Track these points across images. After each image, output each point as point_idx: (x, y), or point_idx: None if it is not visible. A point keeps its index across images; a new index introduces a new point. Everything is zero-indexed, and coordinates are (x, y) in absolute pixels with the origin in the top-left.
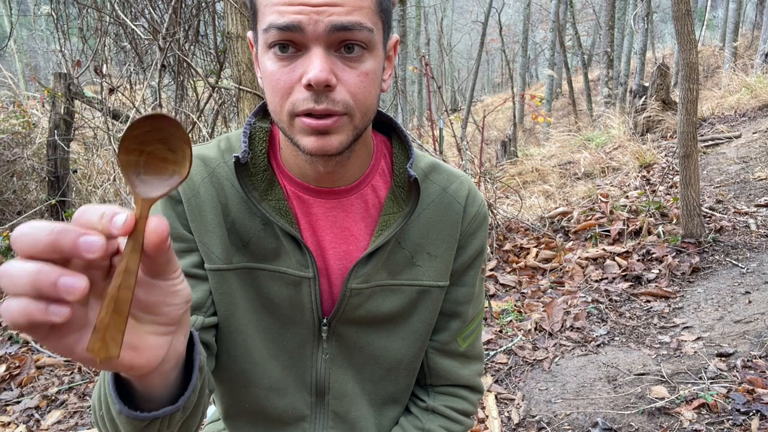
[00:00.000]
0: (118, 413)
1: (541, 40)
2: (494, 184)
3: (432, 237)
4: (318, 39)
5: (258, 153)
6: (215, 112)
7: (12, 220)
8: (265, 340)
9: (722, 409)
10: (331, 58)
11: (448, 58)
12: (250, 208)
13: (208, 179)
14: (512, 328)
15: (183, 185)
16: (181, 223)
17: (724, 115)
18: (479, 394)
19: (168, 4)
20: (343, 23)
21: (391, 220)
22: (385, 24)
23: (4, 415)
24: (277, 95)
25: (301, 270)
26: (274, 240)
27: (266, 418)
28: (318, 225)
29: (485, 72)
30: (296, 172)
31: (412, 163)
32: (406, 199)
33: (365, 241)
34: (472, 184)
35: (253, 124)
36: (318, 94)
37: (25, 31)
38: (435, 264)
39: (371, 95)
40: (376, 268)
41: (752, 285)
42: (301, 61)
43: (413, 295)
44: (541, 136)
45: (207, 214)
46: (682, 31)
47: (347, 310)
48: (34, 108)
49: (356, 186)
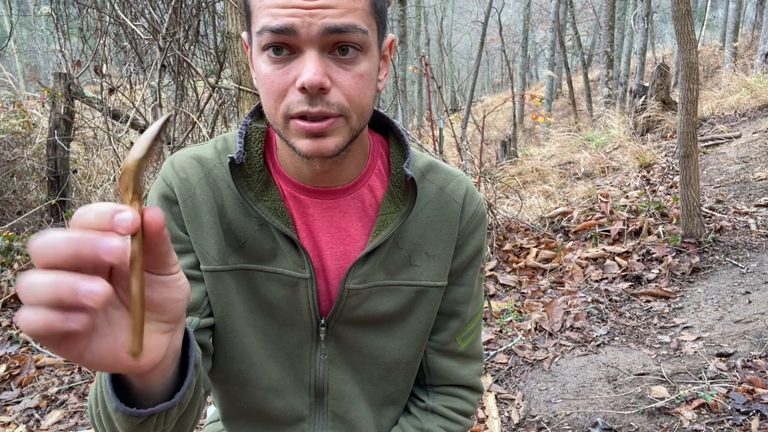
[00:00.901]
0: (115, 410)
1: (541, 40)
2: (494, 184)
3: (430, 237)
4: (312, 41)
5: (254, 153)
6: (215, 112)
7: (12, 220)
8: (263, 341)
9: (722, 409)
10: (325, 60)
11: (448, 58)
12: (246, 209)
13: (204, 180)
14: (512, 328)
15: (179, 186)
16: (177, 224)
17: (724, 115)
18: (479, 394)
19: (168, 4)
20: (337, 25)
21: (389, 220)
22: (379, 24)
23: (4, 415)
24: (272, 98)
25: (297, 271)
26: (270, 241)
27: (265, 419)
28: (314, 225)
29: (485, 72)
30: (293, 172)
31: (409, 162)
32: (404, 198)
33: (362, 241)
34: (470, 184)
35: (249, 125)
36: (312, 96)
37: (25, 31)
38: (433, 264)
39: (366, 96)
40: (373, 268)
41: (752, 285)
42: (295, 63)
43: (411, 295)
44: (541, 136)
45: (203, 215)
46: (682, 31)
47: (345, 310)
48: (34, 108)
49: (353, 186)
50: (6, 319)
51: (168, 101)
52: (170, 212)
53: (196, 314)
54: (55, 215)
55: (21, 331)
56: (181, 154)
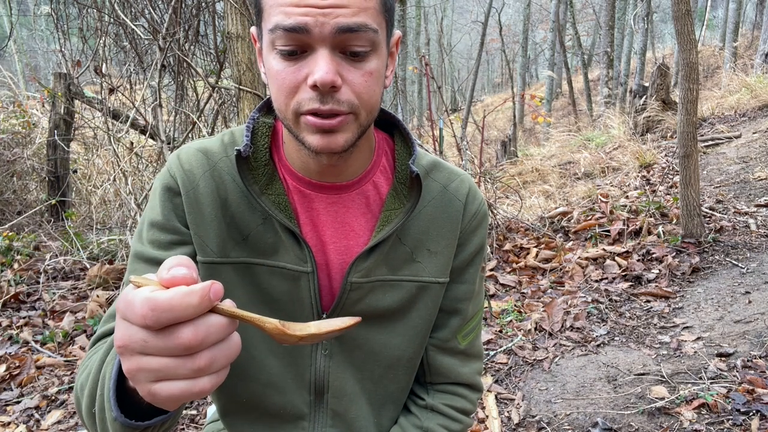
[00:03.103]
0: (114, 419)
1: (541, 40)
2: (494, 184)
3: (432, 234)
4: (324, 40)
5: (260, 147)
6: (215, 112)
7: (12, 220)
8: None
9: (722, 409)
10: (336, 58)
11: (448, 58)
12: (250, 202)
13: (209, 173)
14: (512, 328)
15: (183, 178)
16: (177, 215)
17: (724, 115)
18: (479, 393)
19: (168, 4)
20: (349, 25)
21: (393, 215)
22: (388, 23)
23: (4, 415)
24: (283, 94)
25: (299, 265)
26: (273, 234)
27: (265, 415)
28: (319, 220)
29: (485, 72)
30: (299, 166)
31: (414, 159)
32: (408, 195)
33: (366, 236)
34: (473, 183)
35: (256, 119)
36: (323, 94)
37: (25, 31)
38: (435, 260)
39: (375, 94)
40: (376, 263)
41: (752, 285)
42: (307, 61)
43: (413, 291)
44: (541, 136)
45: (205, 207)
46: (682, 31)
47: (347, 304)
48: (34, 108)
49: (357, 182)
50: (6, 319)
51: (168, 101)
52: (172, 203)
53: None
54: (55, 215)
55: (21, 331)
56: (188, 146)
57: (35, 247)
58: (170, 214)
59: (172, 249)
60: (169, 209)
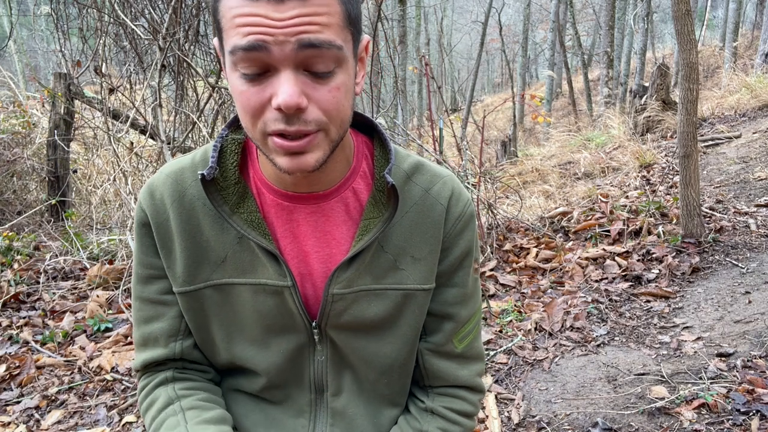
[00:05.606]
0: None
1: (541, 40)
2: (494, 184)
3: (415, 240)
4: (286, 59)
5: (229, 166)
6: (215, 112)
7: (12, 220)
8: (265, 332)
9: (722, 409)
10: (300, 77)
11: (448, 58)
12: (222, 224)
13: (178, 201)
14: (512, 328)
15: (152, 210)
16: (152, 250)
17: (724, 115)
18: (480, 395)
19: (168, 4)
20: (311, 41)
21: (371, 224)
22: (354, 34)
23: (4, 415)
24: (248, 115)
25: (279, 279)
26: (249, 253)
27: (266, 411)
28: (300, 230)
29: (485, 72)
30: (274, 179)
31: (390, 168)
32: (387, 204)
33: (347, 244)
34: (457, 184)
35: (225, 137)
36: (289, 116)
37: (25, 31)
38: (419, 267)
39: (345, 107)
40: (358, 272)
41: (752, 285)
42: (271, 81)
43: (398, 299)
44: (541, 136)
45: (174, 237)
46: (682, 31)
47: (332, 315)
48: (34, 108)
49: (336, 189)
50: (6, 319)
51: (168, 101)
52: (147, 238)
53: (176, 339)
54: (55, 215)
55: (21, 331)
56: (160, 172)
57: (35, 247)
58: (148, 249)
59: (152, 283)
60: (146, 245)
